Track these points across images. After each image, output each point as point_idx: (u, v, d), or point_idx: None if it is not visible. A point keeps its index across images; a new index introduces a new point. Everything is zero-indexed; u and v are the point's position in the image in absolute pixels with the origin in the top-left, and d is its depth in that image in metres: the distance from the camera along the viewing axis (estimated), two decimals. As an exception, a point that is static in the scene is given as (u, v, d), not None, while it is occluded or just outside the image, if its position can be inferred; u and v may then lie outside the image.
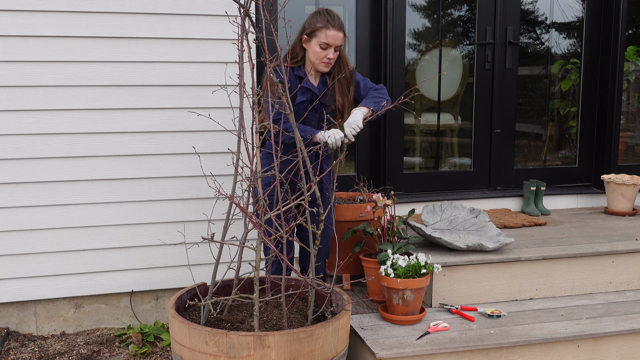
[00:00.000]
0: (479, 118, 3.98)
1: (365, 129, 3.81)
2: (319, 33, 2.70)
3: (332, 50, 2.72)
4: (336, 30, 2.69)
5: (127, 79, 3.18)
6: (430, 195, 3.89)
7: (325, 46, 2.71)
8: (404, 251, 2.83)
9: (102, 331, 3.33)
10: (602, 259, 3.10)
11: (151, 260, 3.33)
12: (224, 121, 3.21)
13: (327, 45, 2.70)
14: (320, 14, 2.73)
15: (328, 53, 2.72)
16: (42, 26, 3.05)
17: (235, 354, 2.06)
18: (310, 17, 2.76)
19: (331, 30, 2.68)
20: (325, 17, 2.70)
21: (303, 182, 2.30)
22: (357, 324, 2.68)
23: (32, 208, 3.16)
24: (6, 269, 3.17)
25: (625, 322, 2.72)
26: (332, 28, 2.68)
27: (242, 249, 2.35)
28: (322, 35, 2.69)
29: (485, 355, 2.50)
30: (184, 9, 3.20)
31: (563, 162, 4.31)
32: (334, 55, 2.73)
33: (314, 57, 2.74)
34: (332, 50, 2.72)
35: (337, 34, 2.70)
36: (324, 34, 2.68)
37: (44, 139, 3.13)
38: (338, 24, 2.71)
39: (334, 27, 2.69)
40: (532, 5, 4.08)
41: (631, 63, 4.27)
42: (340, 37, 2.71)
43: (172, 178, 3.31)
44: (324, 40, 2.69)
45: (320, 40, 2.70)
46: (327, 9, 2.77)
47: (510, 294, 3.00)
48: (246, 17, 2.22)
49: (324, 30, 2.69)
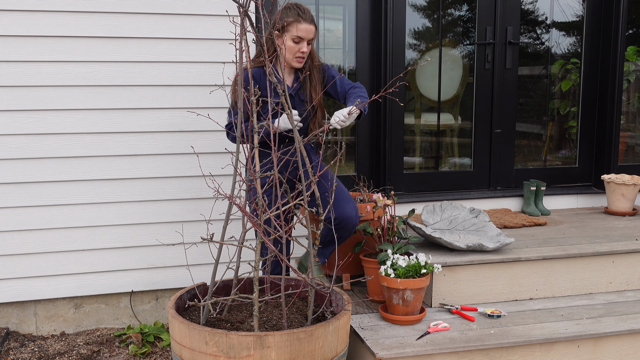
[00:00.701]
0: (479, 118, 3.98)
1: (365, 129, 3.81)
2: (291, 27, 2.69)
3: (305, 44, 2.72)
4: (308, 24, 2.69)
5: (127, 79, 3.18)
6: (430, 195, 3.89)
7: (298, 40, 2.70)
8: (404, 251, 2.82)
9: (102, 331, 3.33)
10: (602, 259, 3.10)
11: (151, 261, 3.33)
12: (223, 121, 3.21)
13: (299, 39, 2.70)
14: (290, 8, 2.73)
15: (301, 47, 2.71)
16: (42, 26, 3.05)
17: (235, 354, 2.06)
18: (279, 12, 2.74)
19: (303, 24, 2.68)
20: (295, 11, 2.71)
21: (303, 181, 2.29)
22: (357, 324, 2.68)
23: (32, 208, 3.16)
24: (6, 269, 3.17)
25: (626, 322, 2.72)
26: (303, 21, 2.68)
27: (240, 249, 2.35)
28: (294, 29, 2.68)
29: (485, 355, 2.50)
30: (183, 8, 3.20)
31: (563, 162, 4.31)
32: (307, 49, 2.73)
33: (288, 52, 2.73)
34: (305, 44, 2.71)
35: (309, 27, 2.70)
36: (296, 27, 2.68)
37: (44, 139, 3.13)
38: (309, 17, 2.71)
39: (306, 21, 2.69)
40: (532, 5, 4.08)
41: (631, 63, 4.27)
42: (312, 30, 2.72)
43: (171, 178, 3.31)
44: (297, 34, 2.68)
45: (292, 35, 2.69)
46: (297, 3, 2.77)
47: (510, 294, 3.00)
48: (245, 17, 2.22)
49: (296, 24, 2.68)
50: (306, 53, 2.75)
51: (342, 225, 2.78)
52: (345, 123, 2.62)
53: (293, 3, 2.78)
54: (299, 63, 2.76)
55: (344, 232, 2.81)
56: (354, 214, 2.78)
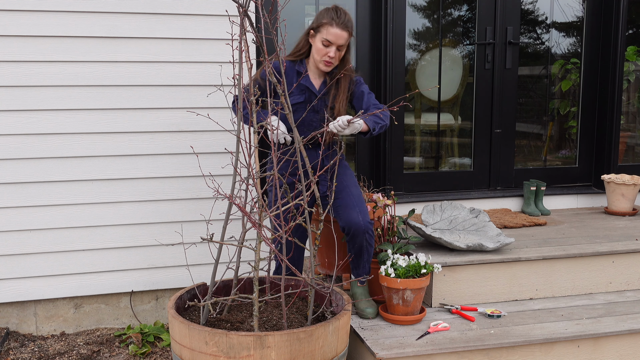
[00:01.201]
0: (479, 118, 3.98)
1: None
2: (322, 29, 2.62)
3: (334, 49, 2.63)
4: (340, 29, 2.60)
5: (127, 79, 3.18)
6: (430, 195, 3.89)
7: (327, 43, 2.62)
8: (404, 251, 2.82)
9: (102, 331, 3.33)
10: (602, 259, 3.10)
11: (151, 261, 3.33)
12: (223, 121, 3.21)
13: (328, 42, 2.62)
14: (328, 10, 2.65)
15: (329, 51, 2.63)
16: (42, 26, 3.05)
17: (235, 354, 2.06)
18: (319, 12, 2.69)
19: (334, 28, 2.60)
20: (331, 14, 2.62)
21: (302, 182, 2.29)
22: (357, 324, 2.68)
23: (32, 208, 3.16)
24: (6, 269, 3.17)
25: (626, 322, 2.72)
26: (335, 25, 2.60)
27: (240, 249, 2.35)
28: (325, 32, 2.61)
29: (485, 356, 2.50)
30: (183, 8, 3.20)
31: (563, 162, 4.31)
32: (334, 55, 2.64)
33: (316, 54, 2.67)
34: (333, 49, 2.63)
35: (341, 33, 2.61)
36: (327, 30, 2.61)
37: (44, 139, 3.13)
38: (343, 22, 2.61)
39: (338, 25, 2.60)
40: (532, 5, 4.08)
41: (631, 63, 4.27)
42: (344, 37, 2.62)
43: (171, 178, 3.30)
44: (326, 37, 2.61)
45: (322, 37, 2.62)
46: (337, 6, 2.67)
47: (510, 294, 3.00)
48: (245, 16, 2.22)
49: (327, 27, 2.61)
50: (334, 59, 2.66)
51: (353, 233, 2.66)
52: (343, 130, 2.52)
53: (335, 5, 2.69)
54: (326, 67, 2.68)
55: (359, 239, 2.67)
56: (360, 219, 2.64)
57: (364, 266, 2.75)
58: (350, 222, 2.64)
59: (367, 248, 2.71)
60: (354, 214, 2.65)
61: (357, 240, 2.67)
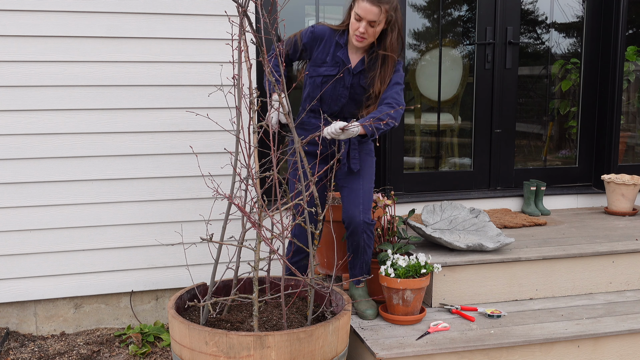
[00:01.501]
0: (479, 118, 3.98)
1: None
2: (355, 3, 2.57)
3: (364, 24, 2.54)
4: (370, 3, 2.51)
5: (127, 79, 3.18)
6: (430, 195, 3.89)
7: (358, 18, 2.55)
8: (404, 251, 2.82)
9: (102, 331, 3.33)
10: (602, 259, 3.10)
11: (151, 261, 3.33)
12: (223, 121, 3.21)
13: (359, 17, 2.54)
14: None
15: (359, 26, 2.55)
16: (42, 26, 3.05)
17: (235, 354, 2.06)
18: None
19: (364, 2, 2.52)
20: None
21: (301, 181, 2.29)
22: (357, 324, 2.68)
23: (32, 208, 3.16)
24: (6, 269, 3.17)
25: (626, 322, 2.72)
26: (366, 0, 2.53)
27: (240, 249, 2.35)
28: (357, 6, 2.55)
29: (485, 356, 2.50)
30: (183, 8, 3.20)
31: (563, 162, 4.31)
32: (365, 30, 2.55)
33: (351, 28, 2.60)
34: (364, 24, 2.54)
35: (370, 7, 2.51)
36: (358, 4, 2.55)
37: (44, 139, 3.13)
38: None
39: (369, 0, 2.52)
40: (532, 5, 4.08)
41: (631, 63, 4.27)
42: (374, 12, 2.50)
43: (171, 178, 3.30)
44: (357, 11, 2.55)
45: (355, 10, 2.56)
46: None
47: (510, 294, 3.00)
48: (244, 17, 2.22)
49: (359, 1, 2.55)
50: (366, 34, 2.57)
51: (352, 229, 2.66)
52: (338, 137, 2.49)
53: None
54: (358, 42, 2.60)
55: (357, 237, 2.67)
56: (357, 212, 2.63)
57: (361, 267, 2.75)
58: (350, 218, 2.66)
59: (365, 249, 2.71)
60: (356, 210, 2.65)
61: (355, 239, 2.68)
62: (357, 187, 2.69)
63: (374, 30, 2.57)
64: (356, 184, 2.70)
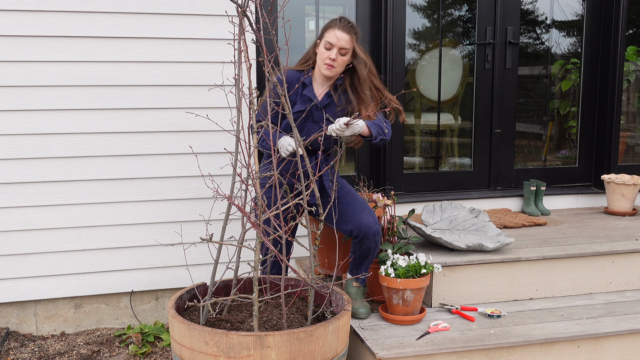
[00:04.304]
0: (479, 118, 3.98)
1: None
2: (325, 33, 2.70)
3: (336, 51, 2.66)
4: (341, 31, 2.66)
5: (127, 79, 3.18)
6: (430, 195, 3.89)
7: (329, 46, 2.66)
8: (404, 251, 2.82)
9: (102, 331, 3.33)
10: (602, 259, 3.10)
11: (151, 260, 3.33)
12: (223, 121, 3.21)
13: (330, 45, 2.66)
14: (333, 19, 2.73)
15: (330, 54, 2.66)
16: (42, 26, 3.05)
17: (235, 354, 2.06)
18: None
19: (336, 30, 2.66)
20: (335, 20, 2.71)
21: (302, 182, 2.29)
22: (357, 324, 2.68)
23: (32, 208, 3.16)
24: (6, 269, 3.17)
25: (626, 322, 2.72)
26: (337, 28, 2.66)
27: (240, 249, 2.35)
28: (327, 35, 2.68)
29: (485, 355, 2.50)
30: (183, 8, 3.20)
31: (563, 162, 4.31)
32: (337, 57, 2.67)
33: (319, 59, 2.71)
34: (335, 51, 2.66)
35: (342, 35, 2.65)
36: (328, 33, 2.67)
37: (44, 139, 3.13)
38: (345, 25, 2.68)
39: (340, 28, 2.66)
40: (532, 5, 4.08)
41: (631, 63, 4.27)
42: (346, 39, 2.66)
43: (171, 178, 3.31)
44: (328, 40, 2.66)
45: (325, 40, 2.68)
46: (341, 16, 2.77)
47: (510, 294, 3.00)
48: (244, 17, 2.22)
49: (330, 30, 2.68)
50: (337, 62, 2.68)
51: (363, 236, 2.68)
52: (342, 132, 2.56)
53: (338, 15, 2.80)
54: (328, 70, 2.69)
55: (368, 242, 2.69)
56: (371, 221, 2.67)
57: (366, 267, 2.76)
58: (361, 225, 2.67)
59: (374, 251, 2.73)
60: (364, 216, 2.68)
61: (366, 243, 2.69)
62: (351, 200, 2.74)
63: (343, 59, 2.69)
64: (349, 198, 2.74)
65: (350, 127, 2.55)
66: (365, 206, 2.73)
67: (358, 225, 2.67)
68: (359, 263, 2.74)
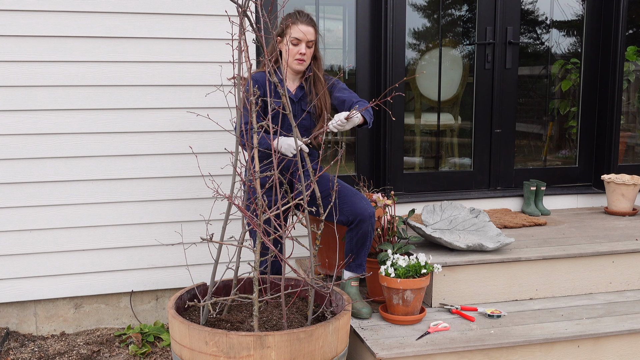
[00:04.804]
0: (479, 118, 3.98)
1: (365, 129, 3.80)
2: (288, 30, 2.72)
3: (304, 46, 2.72)
4: (305, 25, 2.71)
5: (127, 79, 3.18)
6: (430, 195, 3.89)
7: (296, 42, 2.71)
8: (404, 251, 2.82)
9: (102, 331, 3.33)
10: (602, 259, 3.10)
11: (151, 261, 3.33)
12: (223, 121, 3.21)
13: (297, 40, 2.70)
14: (289, 14, 2.77)
15: (300, 49, 2.71)
16: (42, 26, 3.05)
17: (235, 354, 2.06)
18: (281, 19, 2.79)
19: (300, 25, 2.70)
20: (294, 15, 2.74)
21: (302, 182, 2.29)
22: (357, 324, 2.68)
23: (32, 208, 3.16)
24: (6, 269, 3.17)
25: (626, 322, 2.72)
26: (300, 23, 2.70)
27: (240, 249, 2.35)
28: (292, 31, 2.71)
29: (485, 356, 2.50)
30: (183, 8, 3.20)
31: (563, 162, 4.31)
32: (306, 51, 2.73)
33: (288, 56, 2.74)
34: (303, 46, 2.72)
35: (307, 28, 2.71)
36: (293, 29, 2.70)
37: (44, 138, 3.13)
38: (307, 19, 2.73)
39: (303, 22, 2.71)
40: (532, 5, 4.08)
41: (631, 63, 4.27)
42: (311, 32, 2.72)
43: (171, 178, 3.31)
44: (294, 35, 2.70)
45: (291, 37, 2.71)
46: (297, 9, 2.79)
47: (510, 294, 3.00)
48: (244, 17, 2.22)
49: (293, 26, 2.71)
50: (306, 55, 2.74)
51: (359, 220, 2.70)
52: (343, 127, 2.60)
53: (294, 9, 2.80)
54: (299, 65, 2.75)
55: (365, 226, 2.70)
56: (364, 204, 2.71)
57: (364, 254, 2.76)
58: (355, 209, 2.69)
59: (371, 235, 2.74)
60: (357, 200, 2.71)
61: (363, 227, 2.70)
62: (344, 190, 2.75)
63: (310, 51, 2.76)
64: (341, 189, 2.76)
65: (350, 121, 2.59)
66: (357, 192, 2.76)
67: (353, 210, 2.69)
68: (357, 251, 2.75)
